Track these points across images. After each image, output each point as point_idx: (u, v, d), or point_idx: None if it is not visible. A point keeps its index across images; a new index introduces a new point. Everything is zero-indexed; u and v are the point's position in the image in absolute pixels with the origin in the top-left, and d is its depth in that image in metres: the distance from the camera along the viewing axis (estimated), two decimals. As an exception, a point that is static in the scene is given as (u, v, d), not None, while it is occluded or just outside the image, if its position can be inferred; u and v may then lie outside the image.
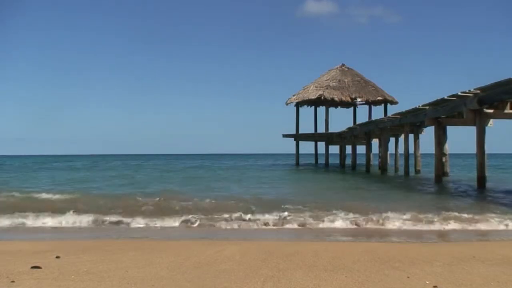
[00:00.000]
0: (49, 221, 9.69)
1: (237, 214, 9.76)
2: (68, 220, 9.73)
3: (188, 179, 23.49)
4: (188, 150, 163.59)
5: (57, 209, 10.51)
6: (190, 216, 9.67)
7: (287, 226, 9.00)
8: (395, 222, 9.02)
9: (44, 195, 13.52)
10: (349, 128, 31.87)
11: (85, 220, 9.67)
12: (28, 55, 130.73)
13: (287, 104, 38.45)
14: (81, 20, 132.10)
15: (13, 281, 4.35)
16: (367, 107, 38.73)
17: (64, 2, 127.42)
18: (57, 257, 5.55)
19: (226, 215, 9.71)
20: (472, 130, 15.61)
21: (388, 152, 28.43)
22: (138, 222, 9.45)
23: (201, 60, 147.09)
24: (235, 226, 9.06)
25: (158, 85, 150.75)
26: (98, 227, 9.27)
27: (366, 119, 33.91)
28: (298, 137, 38.52)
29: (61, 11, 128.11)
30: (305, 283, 4.31)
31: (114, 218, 9.77)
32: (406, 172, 22.25)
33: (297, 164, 38.97)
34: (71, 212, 10.18)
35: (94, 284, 4.32)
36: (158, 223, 9.41)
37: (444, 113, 16.86)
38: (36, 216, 9.88)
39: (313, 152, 41.73)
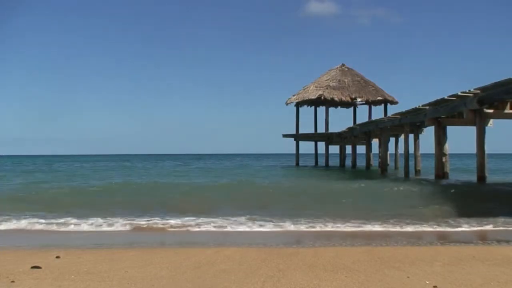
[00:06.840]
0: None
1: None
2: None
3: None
4: (187, 150, 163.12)
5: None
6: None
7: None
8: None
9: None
10: (349, 128, 31.83)
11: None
12: (28, 55, 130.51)
13: (287, 104, 38.40)
14: (80, 21, 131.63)
15: (13, 281, 4.35)
16: (367, 107, 38.64)
17: (64, 4, 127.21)
18: (57, 257, 5.54)
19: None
20: (472, 130, 15.61)
21: (388, 152, 28.41)
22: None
23: (201, 60, 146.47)
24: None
25: (158, 85, 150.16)
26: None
27: (366, 119, 33.85)
28: (298, 137, 38.44)
29: (60, 13, 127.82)
30: (305, 283, 4.30)
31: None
32: (406, 172, 22.24)
33: (297, 164, 38.93)
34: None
35: (94, 284, 4.31)
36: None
37: (444, 113, 16.84)
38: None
39: (313, 152, 41.68)
